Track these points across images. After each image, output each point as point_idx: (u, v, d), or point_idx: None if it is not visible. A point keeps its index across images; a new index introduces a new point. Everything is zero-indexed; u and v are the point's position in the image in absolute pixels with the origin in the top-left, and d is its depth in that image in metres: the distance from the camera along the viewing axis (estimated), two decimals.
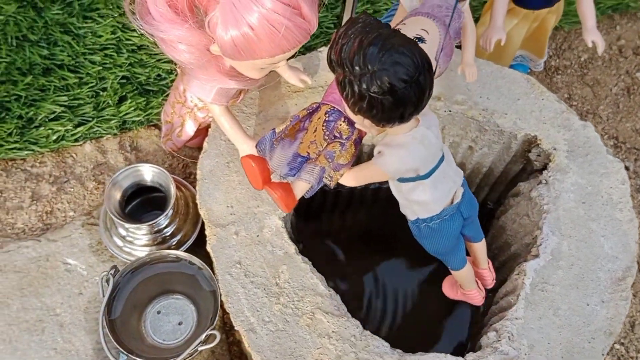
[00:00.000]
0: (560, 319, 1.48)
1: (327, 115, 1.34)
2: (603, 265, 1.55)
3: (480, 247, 1.59)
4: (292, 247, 1.55)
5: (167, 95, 1.99)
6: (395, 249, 1.98)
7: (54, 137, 2.03)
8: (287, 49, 1.26)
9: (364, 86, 1.04)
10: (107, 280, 1.51)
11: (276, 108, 1.74)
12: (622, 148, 2.24)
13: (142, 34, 2.22)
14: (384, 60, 1.02)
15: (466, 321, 1.88)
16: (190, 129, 1.79)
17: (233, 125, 1.56)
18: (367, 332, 1.45)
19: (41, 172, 2.01)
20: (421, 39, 1.29)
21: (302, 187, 1.36)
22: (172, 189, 1.67)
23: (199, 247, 1.73)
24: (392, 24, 1.35)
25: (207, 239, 1.55)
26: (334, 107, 1.35)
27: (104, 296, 1.49)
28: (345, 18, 2.16)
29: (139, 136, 2.11)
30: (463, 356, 1.43)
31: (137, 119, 2.09)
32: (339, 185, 1.39)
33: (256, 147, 1.38)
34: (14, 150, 2.00)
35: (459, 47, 1.59)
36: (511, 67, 2.29)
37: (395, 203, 1.42)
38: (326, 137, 1.33)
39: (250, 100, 1.76)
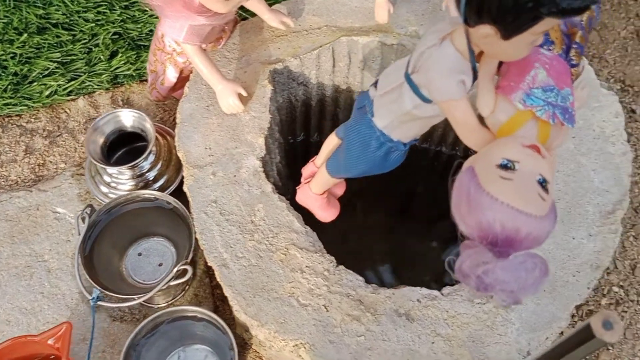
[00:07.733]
0: (544, 252, 1.41)
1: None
2: (592, 199, 1.48)
3: None
4: (268, 186, 1.53)
5: None
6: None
7: (47, 92, 2.05)
8: None
9: None
10: (83, 219, 1.52)
11: (259, 52, 1.72)
12: (630, 92, 2.13)
13: None
14: None
15: None
16: (171, 74, 1.79)
17: (207, 65, 1.54)
18: (342, 267, 1.42)
19: (36, 127, 2.04)
20: None
21: None
22: (152, 131, 1.67)
23: (182, 193, 1.72)
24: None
25: (184, 180, 1.54)
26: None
27: (79, 234, 1.50)
28: None
29: (130, 91, 2.11)
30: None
31: (128, 72, 2.10)
32: None
33: None
34: (9, 106, 2.03)
35: None
36: None
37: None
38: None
39: (233, 45, 1.74)
